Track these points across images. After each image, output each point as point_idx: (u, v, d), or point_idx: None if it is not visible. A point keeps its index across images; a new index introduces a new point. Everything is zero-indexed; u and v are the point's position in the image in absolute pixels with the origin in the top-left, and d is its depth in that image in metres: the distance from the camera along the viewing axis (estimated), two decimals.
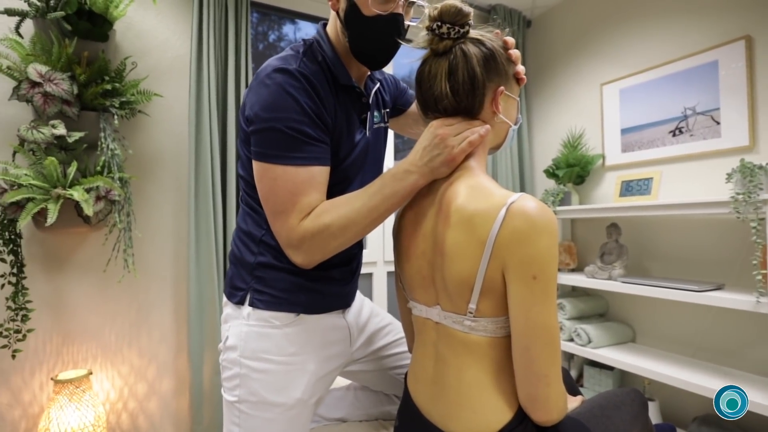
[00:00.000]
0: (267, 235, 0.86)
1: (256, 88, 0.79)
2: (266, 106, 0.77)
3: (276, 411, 0.84)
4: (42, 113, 1.36)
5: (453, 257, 0.68)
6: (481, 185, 0.70)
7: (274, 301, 0.85)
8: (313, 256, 0.78)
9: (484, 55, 0.73)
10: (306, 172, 0.77)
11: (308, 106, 0.77)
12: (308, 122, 0.77)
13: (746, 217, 1.39)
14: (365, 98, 0.91)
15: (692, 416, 1.74)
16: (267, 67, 0.80)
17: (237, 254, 0.90)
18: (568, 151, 2.20)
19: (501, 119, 0.77)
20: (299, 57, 0.81)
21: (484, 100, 0.74)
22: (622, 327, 1.97)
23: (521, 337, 0.64)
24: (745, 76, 1.62)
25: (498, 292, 0.66)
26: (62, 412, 1.36)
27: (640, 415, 0.85)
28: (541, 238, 0.62)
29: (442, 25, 0.72)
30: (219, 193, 1.72)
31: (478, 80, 0.72)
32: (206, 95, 1.69)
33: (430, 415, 0.74)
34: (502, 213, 0.64)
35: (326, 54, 0.84)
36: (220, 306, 1.71)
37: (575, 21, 2.30)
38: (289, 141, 0.76)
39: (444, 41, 0.73)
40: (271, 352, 0.84)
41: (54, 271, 1.54)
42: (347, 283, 0.94)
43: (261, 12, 2.06)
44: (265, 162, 0.78)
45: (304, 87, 0.77)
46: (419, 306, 0.78)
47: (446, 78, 0.73)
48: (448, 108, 0.75)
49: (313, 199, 0.77)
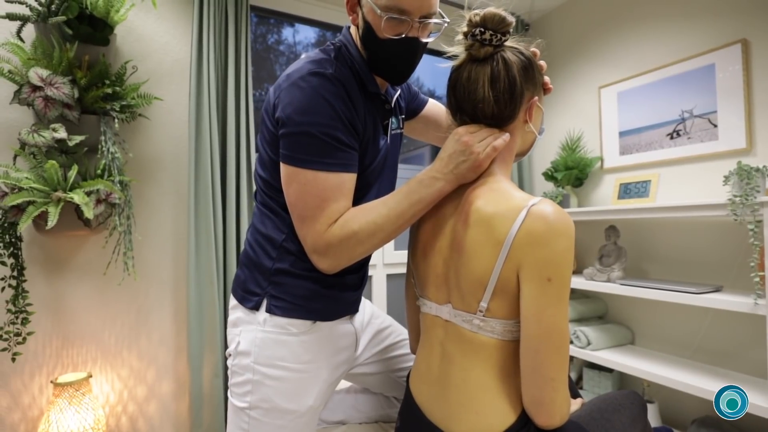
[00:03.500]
0: (287, 240, 0.84)
1: (290, 89, 0.77)
2: (300, 110, 0.75)
3: (288, 418, 0.84)
4: (43, 117, 1.37)
5: (470, 255, 0.68)
6: (503, 189, 0.72)
7: (292, 308, 0.84)
8: (339, 261, 0.78)
9: (523, 63, 0.74)
10: (336, 178, 0.76)
11: (342, 112, 0.77)
12: (341, 128, 0.76)
13: (743, 220, 1.40)
14: (388, 105, 0.90)
15: (691, 418, 1.74)
16: (301, 69, 0.78)
17: (253, 257, 0.88)
18: (566, 153, 2.21)
19: (530, 128, 0.78)
20: (333, 61, 0.80)
21: (521, 109, 0.76)
22: (621, 329, 1.98)
23: (532, 339, 0.64)
24: (741, 79, 1.63)
25: (510, 293, 0.66)
26: (62, 415, 1.36)
27: (639, 418, 0.86)
28: (559, 240, 0.63)
29: (485, 31, 0.72)
30: (219, 196, 1.73)
31: (518, 88, 0.73)
32: (206, 99, 1.69)
33: (432, 415, 0.74)
34: (522, 215, 0.64)
35: (355, 60, 0.84)
36: (220, 309, 1.71)
37: (573, 24, 2.31)
38: (322, 146, 0.75)
39: (485, 47, 0.73)
40: (287, 360, 0.84)
41: (54, 274, 1.54)
42: (357, 288, 0.94)
43: (260, 16, 2.07)
44: (295, 166, 0.76)
45: (339, 92, 0.77)
46: (430, 303, 0.79)
47: (489, 84, 0.73)
48: (485, 114, 0.75)
49: (341, 206, 0.77)
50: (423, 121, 1.12)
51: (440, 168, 0.76)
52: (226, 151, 1.76)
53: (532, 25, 2.56)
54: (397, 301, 2.32)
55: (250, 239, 0.91)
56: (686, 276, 1.80)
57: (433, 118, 1.13)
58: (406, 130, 1.14)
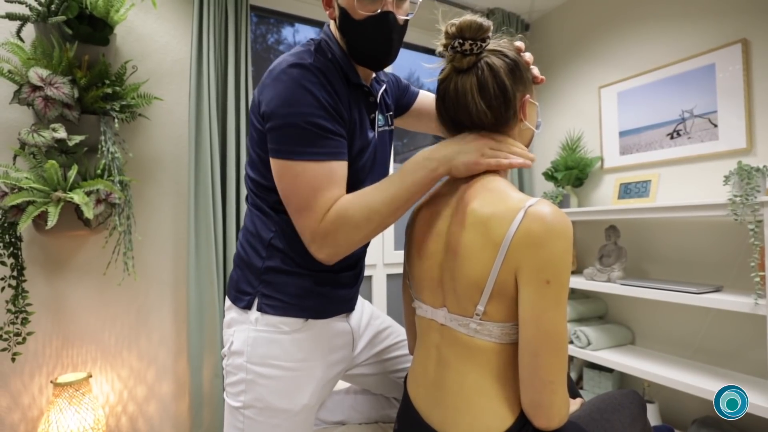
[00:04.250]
0: (276, 239, 0.85)
1: (272, 84, 0.78)
2: (283, 102, 0.76)
3: (282, 417, 0.84)
4: (43, 117, 1.37)
5: (466, 258, 0.67)
6: (499, 189, 0.70)
7: (283, 306, 0.84)
8: (338, 249, 0.77)
9: (509, 66, 0.73)
10: (326, 167, 0.76)
11: (325, 100, 0.77)
12: (325, 115, 0.76)
13: (744, 219, 1.40)
14: (373, 98, 0.90)
15: (691, 418, 1.74)
16: (281, 63, 0.79)
17: (244, 257, 0.89)
18: (566, 153, 2.21)
19: (526, 126, 0.77)
20: (312, 53, 0.81)
21: (517, 111, 0.75)
22: (621, 329, 1.98)
23: (530, 342, 0.63)
24: (742, 79, 1.63)
25: (508, 296, 0.66)
26: (62, 415, 1.35)
27: (639, 417, 0.86)
28: (557, 242, 0.62)
29: (464, 42, 0.71)
30: (219, 196, 1.73)
31: (509, 92, 0.72)
32: (206, 98, 1.69)
33: (430, 419, 0.74)
34: (519, 216, 0.64)
35: (335, 53, 0.84)
36: (220, 309, 1.71)
37: (573, 24, 2.31)
38: (308, 136, 0.75)
39: (467, 57, 0.72)
40: (280, 358, 0.83)
41: (54, 274, 1.54)
42: (352, 286, 0.94)
43: (260, 16, 2.07)
44: (284, 159, 0.76)
45: (320, 81, 0.77)
46: (425, 307, 0.78)
47: (478, 94, 0.72)
48: (484, 124, 0.74)
49: (335, 194, 0.76)
50: (416, 115, 1.12)
51: (437, 149, 0.76)
52: (226, 151, 1.76)
53: (532, 25, 2.56)
54: (397, 301, 2.32)
55: (241, 240, 0.92)
56: (686, 276, 1.80)
57: (426, 109, 1.13)
58: (400, 123, 1.14)
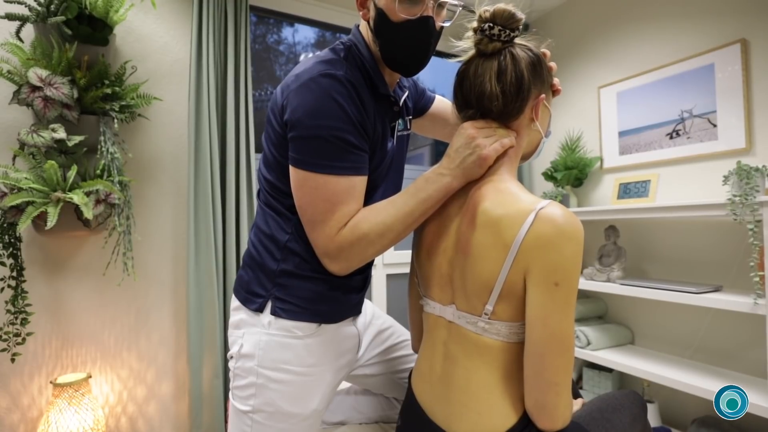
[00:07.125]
0: (292, 241, 0.83)
1: (300, 90, 0.75)
2: (311, 113, 0.74)
3: (292, 421, 0.83)
4: (42, 117, 1.37)
5: (476, 258, 0.68)
6: (510, 190, 0.71)
7: (298, 310, 0.83)
8: (350, 263, 0.78)
9: (532, 60, 0.74)
10: (347, 181, 0.75)
11: (353, 114, 0.75)
12: (352, 131, 0.75)
13: (743, 219, 1.40)
14: (397, 107, 0.89)
15: (691, 418, 1.74)
16: (311, 70, 0.76)
17: (257, 258, 0.87)
18: (566, 153, 2.21)
19: (536, 127, 0.77)
20: (343, 62, 0.79)
21: (527, 105, 0.75)
22: (621, 329, 1.98)
23: (537, 344, 0.64)
24: (741, 79, 1.63)
25: (516, 297, 0.66)
26: (61, 415, 1.35)
27: (639, 417, 0.86)
28: (568, 245, 0.62)
29: (494, 26, 0.72)
30: (218, 197, 1.73)
31: (525, 83, 0.73)
32: (206, 99, 1.69)
33: (434, 414, 0.74)
34: (530, 218, 0.64)
35: (365, 59, 0.82)
36: (220, 309, 1.71)
37: (572, 24, 2.31)
38: (333, 150, 0.74)
39: (493, 43, 0.73)
40: (292, 363, 0.83)
41: (53, 274, 1.54)
42: (361, 290, 0.93)
43: (260, 16, 2.07)
44: (305, 170, 0.75)
45: (351, 95, 0.75)
46: (433, 303, 0.78)
47: (495, 77, 0.73)
48: (491, 107, 0.74)
49: (352, 209, 0.76)
50: (430, 119, 1.12)
51: (447, 164, 0.76)
52: (226, 151, 1.76)
53: (532, 24, 2.56)
54: (398, 301, 2.32)
55: (253, 239, 0.90)
56: (686, 276, 1.80)
57: (441, 115, 1.12)
58: (414, 127, 1.13)
